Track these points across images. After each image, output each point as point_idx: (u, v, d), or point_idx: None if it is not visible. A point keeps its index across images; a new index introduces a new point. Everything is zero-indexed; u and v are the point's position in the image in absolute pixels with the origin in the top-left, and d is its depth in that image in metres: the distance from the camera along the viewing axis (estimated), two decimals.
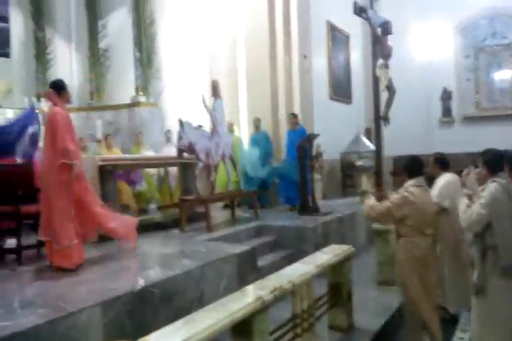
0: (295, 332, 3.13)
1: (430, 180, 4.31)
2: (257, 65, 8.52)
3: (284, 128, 8.29)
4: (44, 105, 9.27)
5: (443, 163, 4.37)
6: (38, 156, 5.40)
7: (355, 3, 6.91)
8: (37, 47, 10.23)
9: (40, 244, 4.15)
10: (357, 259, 5.14)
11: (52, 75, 9.82)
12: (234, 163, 6.45)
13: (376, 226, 5.28)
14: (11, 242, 4.11)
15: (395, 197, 3.43)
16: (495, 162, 3.13)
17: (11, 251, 4.00)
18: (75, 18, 11.11)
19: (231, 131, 7.50)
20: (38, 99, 9.24)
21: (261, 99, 8.40)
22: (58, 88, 3.90)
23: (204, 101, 5.76)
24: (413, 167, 3.49)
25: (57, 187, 3.63)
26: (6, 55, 9.55)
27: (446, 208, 4.11)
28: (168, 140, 8.17)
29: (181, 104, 9.10)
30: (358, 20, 8.06)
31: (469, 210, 3.07)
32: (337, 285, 3.82)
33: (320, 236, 5.71)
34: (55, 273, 3.57)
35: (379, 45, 7.36)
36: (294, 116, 7.77)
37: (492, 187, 3.03)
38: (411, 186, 3.40)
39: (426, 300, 3.34)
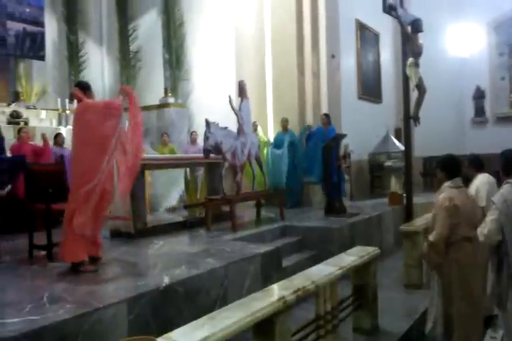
0: (318, 334, 3.10)
1: (466, 182, 4.22)
2: (285, 64, 8.49)
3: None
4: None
5: (478, 164, 4.26)
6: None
7: (384, 1, 6.83)
8: (70, 50, 10.53)
9: None
10: (384, 261, 5.10)
11: (85, 77, 10.09)
12: (260, 163, 6.46)
13: (403, 227, 5.20)
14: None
15: (441, 210, 3.12)
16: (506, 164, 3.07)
17: (41, 247, 4.11)
18: (106, 22, 11.39)
19: (254, 131, 7.53)
20: (71, 100, 9.50)
21: (288, 100, 8.37)
22: (83, 87, 3.98)
23: (231, 102, 5.79)
24: (450, 167, 3.23)
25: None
26: (42, 58, 9.85)
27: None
28: (193, 141, 8.26)
29: (209, 104, 9.18)
30: (388, 18, 7.95)
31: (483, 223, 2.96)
32: (362, 287, 3.78)
33: (346, 237, 5.65)
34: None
35: (409, 43, 7.25)
36: (326, 115, 7.75)
37: (503, 189, 2.93)
38: (449, 187, 3.16)
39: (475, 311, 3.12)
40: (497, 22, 12.00)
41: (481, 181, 4.15)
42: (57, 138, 6.96)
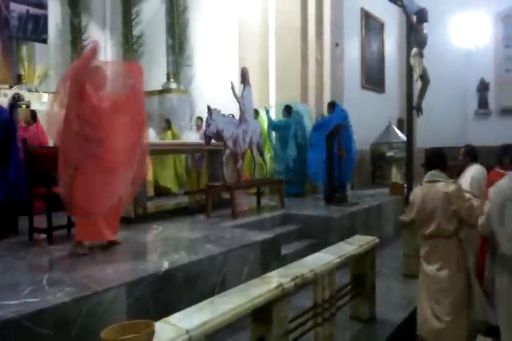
0: (315, 321, 3.13)
1: (459, 171, 4.24)
2: (288, 52, 8.42)
3: (313, 117, 8.21)
4: None
5: (473, 155, 4.29)
6: None
7: None
8: (73, 34, 10.45)
9: (70, 225, 4.28)
10: (383, 251, 5.12)
11: None
12: (261, 151, 6.44)
13: (403, 217, 5.21)
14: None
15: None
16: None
17: (41, 230, 4.12)
18: (110, 5, 11.29)
19: (255, 118, 7.47)
20: None
21: (291, 87, 8.32)
22: None
23: (233, 89, 5.75)
24: (430, 159, 3.30)
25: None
26: (44, 41, 9.77)
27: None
28: (198, 127, 8.24)
29: (211, 91, 9.13)
30: (393, 7, 7.86)
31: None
32: (360, 276, 3.80)
33: (346, 226, 5.67)
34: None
35: (414, 33, 7.18)
36: (328, 104, 7.69)
37: (502, 180, 2.90)
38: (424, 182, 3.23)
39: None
40: (504, 13, 11.87)
41: (475, 171, 4.17)
42: None
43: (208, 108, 5.48)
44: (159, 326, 2.05)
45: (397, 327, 3.66)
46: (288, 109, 7.70)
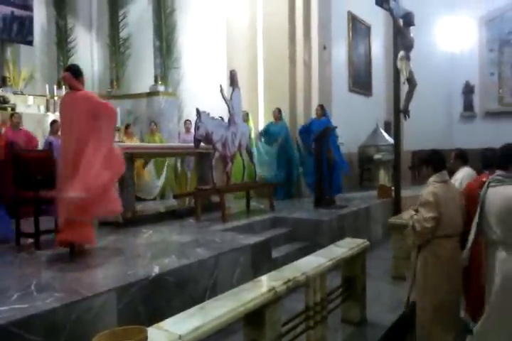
0: (307, 324, 3.13)
1: (450, 174, 4.29)
2: (276, 55, 8.44)
3: (301, 119, 8.23)
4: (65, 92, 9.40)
5: (464, 158, 4.36)
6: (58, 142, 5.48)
7: None
8: (59, 36, 10.32)
9: (57, 229, 4.22)
10: (372, 253, 5.14)
11: (74, 63, 9.90)
12: (250, 154, 6.43)
13: (392, 220, 5.24)
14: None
15: (424, 200, 3.14)
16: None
17: (28, 235, 4.06)
18: (97, 7, 11.19)
19: (245, 120, 7.46)
20: (59, 86, 9.35)
21: (279, 90, 8.33)
22: (75, 72, 3.87)
23: (222, 91, 5.74)
24: (436, 160, 3.25)
25: None
26: (30, 43, 9.64)
27: None
28: (187, 130, 8.20)
29: (199, 93, 9.10)
30: (380, 11, 7.93)
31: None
32: (351, 279, 3.80)
33: (335, 229, 5.68)
34: (72, 257, 3.63)
35: (401, 36, 7.26)
36: (321, 107, 7.71)
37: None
38: (435, 182, 3.16)
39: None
40: (488, 17, 12.07)
41: (465, 174, 4.23)
42: (54, 125, 6.78)
43: (197, 110, 5.45)
44: (152, 332, 2.02)
45: (387, 330, 3.67)
46: (280, 112, 7.74)
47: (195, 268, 3.46)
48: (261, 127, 8.43)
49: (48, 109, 9.01)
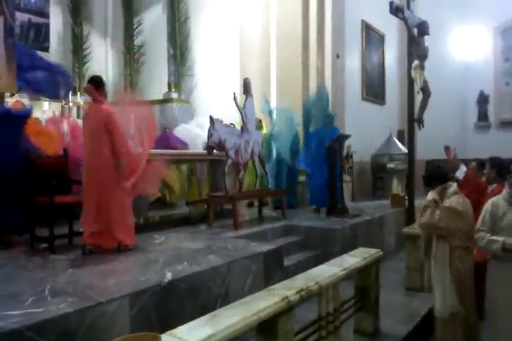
0: (320, 334, 3.09)
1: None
2: (290, 63, 8.46)
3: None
4: (80, 99, 9.51)
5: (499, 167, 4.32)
6: (74, 149, 5.54)
7: (391, 3, 6.80)
8: (74, 43, 10.50)
9: (72, 234, 4.25)
10: (386, 263, 5.08)
11: (89, 69, 10.05)
12: (262, 162, 6.43)
13: (406, 230, 5.19)
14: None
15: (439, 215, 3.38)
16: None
17: (43, 239, 4.08)
18: (112, 15, 11.36)
19: (259, 127, 7.45)
20: (74, 93, 9.47)
21: (292, 99, 8.33)
22: (97, 84, 4.03)
23: (235, 99, 5.76)
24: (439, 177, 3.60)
25: (113, 182, 3.92)
26: (46, 49, 9.81)
27: None
28: (197, 136, 8.23)
29: (212, 101, 9.15)
30: (394, 19, 7.91)
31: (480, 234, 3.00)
32: (364, 289, 3.76)
33: (348, 238, 5.64)
34: (86, 262, 3.65)
35: (415, 45, 7.23)
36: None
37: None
38: (456, 195, 3.38)
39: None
40: (504, 27, 12.00)
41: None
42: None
43: (211, 118, 5.48)
44: (165, 339, 2.02)
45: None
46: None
47: (208, 275, 3.45)
48: None
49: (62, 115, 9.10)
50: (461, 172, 4.57)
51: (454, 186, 3.55)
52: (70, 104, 9.22)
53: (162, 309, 3.03)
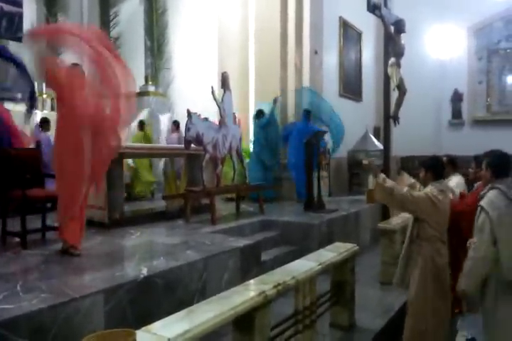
0: (296, 329, 3.11)
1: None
2: (268, 58, 8.45)
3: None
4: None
5: (454, 164, 4.40)
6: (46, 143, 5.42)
7: (369, 1, 6.86)
8: None
9: (45, 229, 4.16)
10: (361, 258, 5.14)
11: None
12: (240, 156, 6.42)
13: (382, 225, 5.27)
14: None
15: (420, 194, 3.20)
16: (500, 165, 2.96)
17: (15, 234, 3.99)
18: (87, 6, 11.11)
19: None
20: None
21: (270, 94, 8.33)
22: None
23: (213, 93, 5.71)
24: (438, 168, 3.28)
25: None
26: (19, 40, 9.52)
27: None
28: (174, 130, 8.16)
29: (190, 94, 9.08)
30: (372, 17, 8.00)
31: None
32: (340, 284, 3.80)
33: (324, 233, 5.68)
34: (59, 258, 3.58)
35: (391, 43, 7.32)
36: (308, 112, 7.73)
37: (491, 194, 2.85)
38: (437, 190, 3.16)
39: (442, 318, 3.19)
40: (477, 27, 12.24)
41: (458, 182, 4.28)
42: (44, 123, 6.71)
43: (188, 112, 5.43)
44: (140, 335, 1.99)
45: (375, 334, 3.68)
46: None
47: (184, 270, 3.43)
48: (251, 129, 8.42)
49: (36, 107, 8.90)
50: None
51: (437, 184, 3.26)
52: (44, 95, 9.01)
53: (138, 305, 3.00)
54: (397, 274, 3.39)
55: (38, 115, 8.08)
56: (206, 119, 5.82)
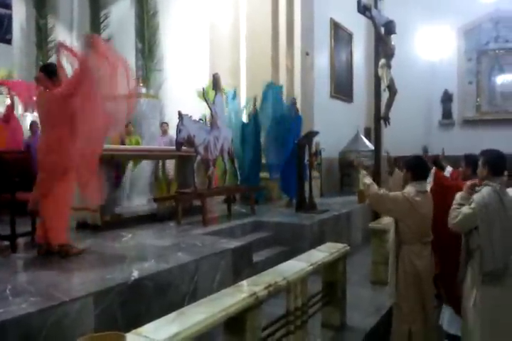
0: (288, 329, 3.11)
1: None
2: (259, 60, 8.47)
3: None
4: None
5: (441, 164, 4.45)
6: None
7: (359, 2, 6.91)
8: (38, 35, 10.16)
9: (34, 232, 4.12)
10: (352, 258, 5.16)
11: (50, 62, 9.74)
12: (232, 158, 6.42)
13: (373, 225, 5.29)
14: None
15: (397, 193, 3.22)
16: (497, 163, 3.02)
17: (4, 237, 3.95)
18: (78, 7, 11.04)
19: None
20: (38, 82, 9.18)
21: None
22: (50, 72, 3.77)
23: (205, 95, 5.72)
24: (418, 169, 3.27)
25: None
26: (8, 42, 9.47)
27: None
28: (164, 132, 8.12)
29: (181, 96, 9.05)
30: (362, 18, 8.03)
31: (455, 211, 2.98)
32: (331, 284, 3.81)
33: (316, 233, 5.70)
34: (49, 261, 3.56)
35: (382, 44, 7.36)
36: (294, 102, 7.70)
37: (485, 191, 2.91)
38: (416, 191, 3.16)
39: (424, 318, 3.21)
40: (466, 28, 12.35)
41: None
42: (32, 126, 6.69)
43: (179, 114, 5.42)
44: (130, 338, 1.99)
45: (367, 334, 3.69)
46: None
47: (175, 272, 3.42)
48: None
49: (25, 110, 8.84)
50: (447, 173, 4.67)
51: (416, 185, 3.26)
52: (34, 98, 8.93)
53: (128, 308, 2.99)
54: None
55: (28, 117, 8.02)
56: (199, 121, 5.83)
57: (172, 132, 6.65)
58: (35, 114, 8.37)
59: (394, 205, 3.19)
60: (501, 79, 12.16)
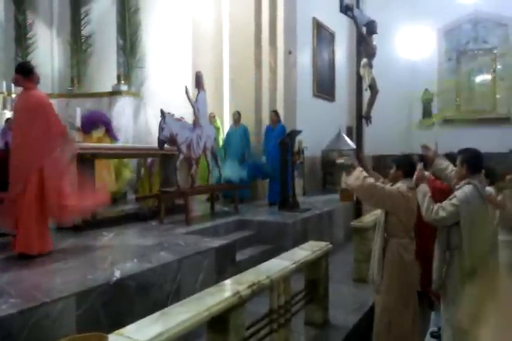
0: (271, 328, 3.13)
1: None
2: (242, 58, 8.45)
3: (266, 123, 8.25)
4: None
5: (425, 164, 4.49)
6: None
7: (341, 1, 6.93)
8: (17, 31, 9.96)
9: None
10: (334, 256, 5.21)
11: (33, 60, 9.57)
12: (215, 156, 6.40)
13: (355, 223, 5.34)
14: None
15: (392, 188, 3.30)
16: (474, 162, 3.12)
17: None
18: (58, 3, 10.85)
19: (212, 122, 7.43)
20: (16, 84, 9.01)
21: (244, 93, 8.35)
22: (25, 72, 3.79)
23: (187, 93, 5.68)
24: (409, 167, 3.38)
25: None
26: None
27: None
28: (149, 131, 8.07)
29: (163, 94, 8.98)
30: (344, 18, 8.08)
31: (434, 206, 3.04)
32: (314, 282, 3.84)
33: (299, 232, 5.73)
34: (29, 261, 3.50)
35: (364, 44, 7.42)
36: (276, 113, 7.75)
37: (467, 189, 3.00)
38: (408, 188, 3.26)
39: (406, 311, 3.27)
40: (446, 28, 12.54)
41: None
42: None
43: (162, 112, 5.38)
44: (113, 339, 1.98)
45: (349, 331, 3.73)
46: (239, 115, 7.74)
47: (158, 272, 3.40)
48: (226, 129, 8.40)
49: (4, 107, 8.68)
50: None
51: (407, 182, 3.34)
52: (13, 95, 8.77)
53: (111, 308, 2.96)
54: (372, 272, 3.43)
55: (6, 115, 7.87)
56: (181, 119, 5.79)
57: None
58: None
59: (389, 198, 3.26)
60: (480, 79, 12.39)
